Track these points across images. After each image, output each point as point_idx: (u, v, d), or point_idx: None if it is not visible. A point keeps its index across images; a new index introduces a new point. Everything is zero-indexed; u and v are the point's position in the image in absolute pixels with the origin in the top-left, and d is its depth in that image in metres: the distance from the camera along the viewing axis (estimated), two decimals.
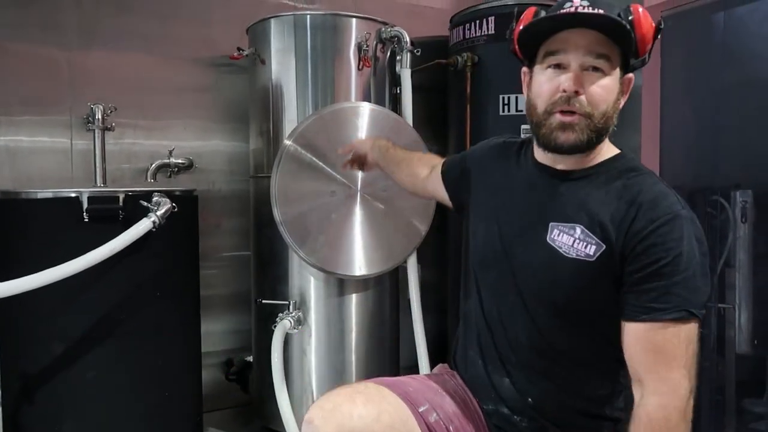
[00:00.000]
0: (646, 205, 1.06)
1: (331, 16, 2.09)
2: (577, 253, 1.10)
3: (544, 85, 1.11)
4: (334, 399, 1.07)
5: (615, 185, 1.11)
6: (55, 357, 1.73)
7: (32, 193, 1.77)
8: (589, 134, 1.09)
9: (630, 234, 1.06)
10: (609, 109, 1.10)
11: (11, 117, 2.20)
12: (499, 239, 1.22)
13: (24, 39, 2.21)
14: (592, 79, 1.07)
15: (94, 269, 1.63)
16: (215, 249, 2.53)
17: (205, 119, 2.50)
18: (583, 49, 1.07)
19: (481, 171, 1.36)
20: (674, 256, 1.02)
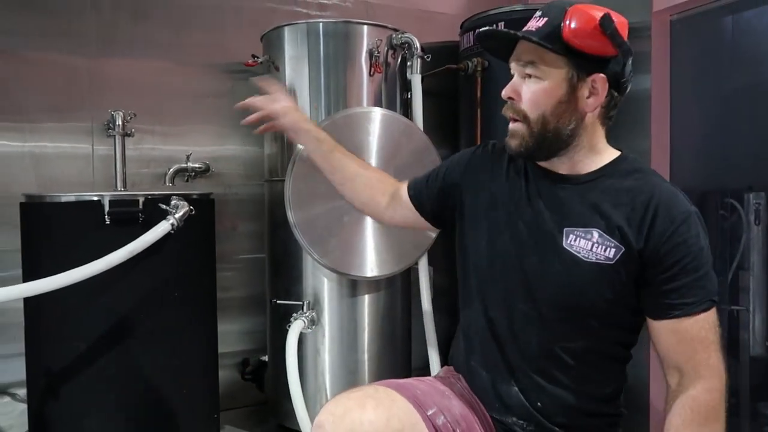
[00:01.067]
0: (663, 207, 1.11)
1: (343, 23, 2.14)
2: (597, 257, 1.13)
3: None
4: (344, 403, 1.09)
5: (624, 187, 1.14)
6: (78, 355, 1.79)
7: (56, 197, 1.84)
8: (530, 140, 1.15)
9: (652, 236, 1.10)
10: (547, 113, 1.13)
11: (35, 124, 2.28)
12: (509, 249, 1.22)
13: (46, 48, 2.28)
14: (525, 85, 1.15)
15: (115, 270, 1.68)
16: (231, 251, 2.59)
17: (222, 124, 2.55)
18: (515, 58, 1.17)
19: (472, 181, 1.35)
20: (696, 251, 1.09)
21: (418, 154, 2.09)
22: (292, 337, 1.96)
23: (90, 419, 1.82)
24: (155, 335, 1.86)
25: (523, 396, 1.21)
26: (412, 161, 2.08)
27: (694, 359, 1.11)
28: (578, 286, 1.14)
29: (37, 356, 1.88)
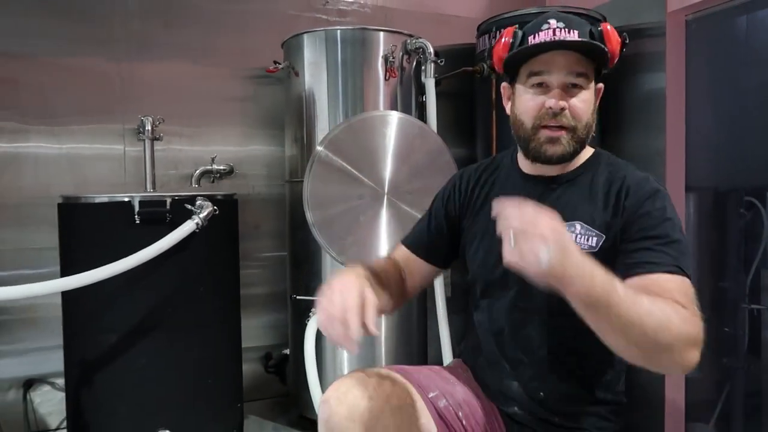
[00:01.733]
0: (632, 188, 1.17)
1: (360, 30, 2.22)
2: (581, 248, 1.16)
3: (530, 102, 1.20)
4: (347, 382, 1.17)
5: (600, 180, 1.23)
6: (110, 346, 1.91)
7: (90, 198, 1.95)
8: (574, 146, 1.20)
9: (624, 215, 1.16)
10: (590, 119, 1.21)
11: (70, 127, 2.41)
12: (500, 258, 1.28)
13: (80, 54, 2.41)
14: (573, 95, 1.17)
15: (144, 267, 1.80)
16: (255, 250, 2.69)
17: (246, 127, 2.66)
18: (565, 69, 1.16)
19: (468, 201, 1.39)
20: (660, 221, 1.13)
21: (432, 155, 2.16)
22: (311, 331, 2.05)
23: (122, 406, 1.93)
24: (182, 328, 1.97)
25: (525, 389, 1.27)
26: (426, 162, 2.15)
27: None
28: None
29: (73, 347, 2.01)
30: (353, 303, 1.04)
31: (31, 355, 2.37)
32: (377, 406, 1.12)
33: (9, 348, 2.34)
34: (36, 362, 2.36)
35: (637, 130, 2.41)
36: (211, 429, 2.07)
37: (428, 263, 1.44)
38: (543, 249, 0.90)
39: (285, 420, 2.49)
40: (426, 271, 1.45)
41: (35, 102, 2.36)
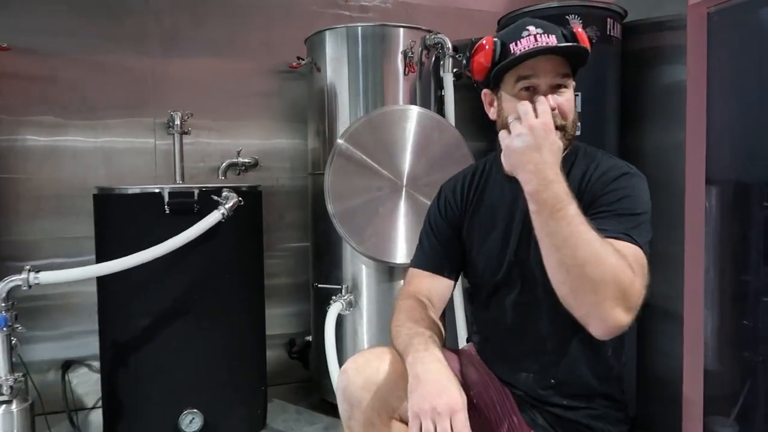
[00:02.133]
0: (599, 174, 1.22)
1: (380, 27, 2.28)
2: None
3: None
4: (366, 356, 1.25)
5: (577, 173, 1.26)
6: (143, 329, 2.02)
7: (123, 189, 2.06)
8: (565, 144, 1.21)
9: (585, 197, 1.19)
10: (575, 116, 1.25)
11: (105, 121, 2.53)
12: (511, 256, 1.30)
13: (115, 51, 2.52)
14: (559, 95, 1.21)
15: (173, 255, 1.90)
16: (279, 240, 2.78)
17: (270, 120, 2.75)
18: (552, 72, 1.20)
19: (464, 206, 1.42)
20: (622, 197, 1.16)
21: (449, 148, 2.21)
22: (331, 317, 2.13)
23: (152, 387, 2.05)
24: (209, 313, 2.07)
25: (535, 379, 1.32)
26: (443, 155, 2.20)
27: None
28: None
29: (107, 331, 2.12)
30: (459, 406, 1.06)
31: (69, 339, 2.50)
32: (392, 379, 1.19)
33: (48, 333, 2.47)
34: (73, 346, 2.49)
35: (658, 123, 2.40)
36: (236, 411, 2.17)
37: (450, 279, 1.43)
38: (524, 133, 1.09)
39: (307, 403, 2.59)
40: (448, 291, 1.43)
41: (73, 97, 2.48)
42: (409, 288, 1.41)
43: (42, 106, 2.44)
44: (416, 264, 1.44)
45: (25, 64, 2.41)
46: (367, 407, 1.20)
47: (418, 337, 1.20)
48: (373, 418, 1.21)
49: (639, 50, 2.42)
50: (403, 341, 1.22)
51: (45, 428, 2.04)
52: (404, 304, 1.34)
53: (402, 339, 1.23)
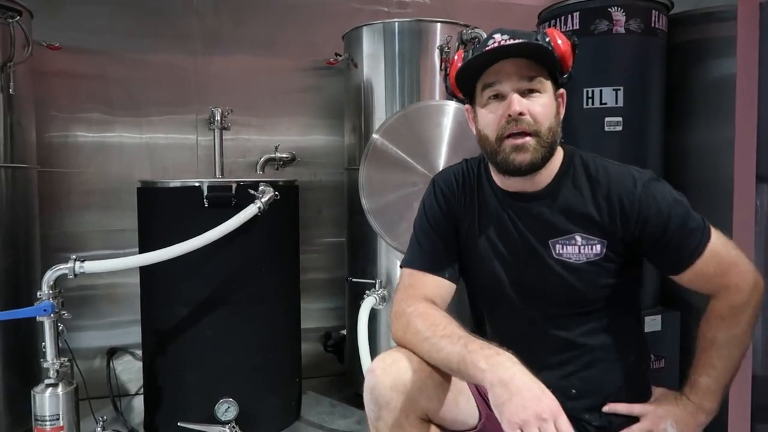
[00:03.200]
0: (623, 190, 1.20)
1: (416, 22, 2.27)
2: (587, 257, 1.22)
3: (489, 115, 1.20)
4: (394, 355, 1.21)
5: (582, 183, 1.24)
6: (182, 318, 2.08)
7: (165, 183, 2.12)
8: (542, 151, 1.18)
9: (626, 221, 1.19)
10: (553, 123, 1.19)
11: (150, 118, 2.62)
12: (504, 275, 1.28)
13: (159, 50, 2.60)
14: (530, 100, 1.17)
15: (212, 246, 1.94)
16: (316, 236, 2.82)
17: (308, 117, 2.79)
18: (515, 75, 1.16)
19: (455, 216, 1.35)
20: (669, 209, 1.18)
21: None
22: (364, 312, 2.13)
23: (191, 375, 2.10)
24: (245, 304, 2.11)
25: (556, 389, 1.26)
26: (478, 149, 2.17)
27: (719, 284, 1.21)
28: (580, 285, 1.23)
29: (149, 319, 2.19)
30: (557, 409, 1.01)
31: (114, 327, 2.60)
32: (420, 379, 1.16)
33: (94, 321, 2.57)
34: (117, 335, 2.60)
35: (705, 119, 2.31)
36: (271, 401, 2.21)
37: (452, 282, 1.32)
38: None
39: (341, 397, 2.61)
40: (450, 295, 1.32)
41: (120, 94, 2.57)
42: (411, 291, 1.28)
43: (90, 103, 2.54)
44: (414, 264, 1.32)
45: (75, 63, 2.51)
46: (395, 408, 1.17)
47: (473, 340, 1.10)
48: (401, 419, 1.18)
49: (685, 43, 2.34)
50: (453, 350, 1.10)
51: (89, 412, 2.12)
52: (418, 310, 1.22)
53: (449, 348, 1.11)
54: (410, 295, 1.28)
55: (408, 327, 1.21)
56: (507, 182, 1.28)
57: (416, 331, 1.19)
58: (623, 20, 2.20)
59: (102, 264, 1.81)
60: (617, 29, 2.19)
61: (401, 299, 1.28)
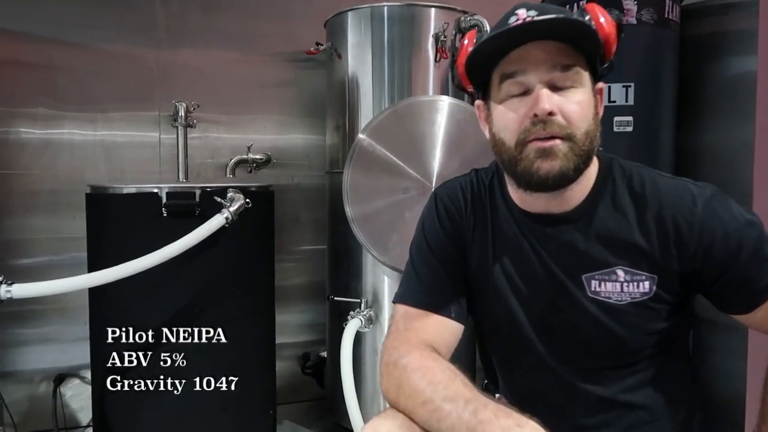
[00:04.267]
0: (678, 212, 0.96)
1: (408, 6, 2.03)
2: (632, 296, 0.98)
3: (508, 114, 0.94)
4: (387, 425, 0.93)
5: (625, 204, 0.99)
6: (135, 346, 1.80)
7: (117, 188, 1.85)
8: (575, 160, 0.92)
9: (686, 252, 0.96)
10: (591, 126, 0.94)
11: (106, 114, 2.35)
12: (524, 318, 1.04)
13: (117, 40, 2.34)
14: (564, 96, 0.92)
15: (171, 263, 1.67)
16: (295, 242, 2.59)
17: (286, 114, 2.55)
18: (546, 63, 0.91)
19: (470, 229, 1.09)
20: (738, 233, 0.94)
21: (486, 146, 1.91)
22: (347, 338, 1.89)
23: (146, 411, 1.83)
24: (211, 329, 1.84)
25: None
26: (479, 153, 1.94)
27: None
28: (622, 331, 0.99)
29: (98, 345, 1.91)
30: None
31: (63, 345, 2.32)
32: None
33: (40, 339, 2.30)
34: (67, 354, 2.31)
35: (721, 118, 2.16)
36: None
37: (459, 324, 1.06)
38: None
39: (320, 426, 2.37)
40: (456, 339, 1.07)
41: (71, 87, 2.31)
42: (407, 336, 1.01)
43: (36, 96, 2.26)
44: (411, 300, 1.05)
45: (19, 50, 2.23)
46: None
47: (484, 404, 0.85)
48: None
49: (700, 36, 2.18)
50: (460, 418, 0.84)
51: None
52: (415, 362, 0.95)
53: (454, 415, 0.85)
54: (405, 340, 1.00)
55: (402, 385, 0.94)
56: (529, 200, 1.02)
57: (412, 390, 0.92)
58: (635, 10, 2.02)
59: (35, 287, 1.52)
60: (628, 19, 2.01)
61: (394, 346, 1.00)
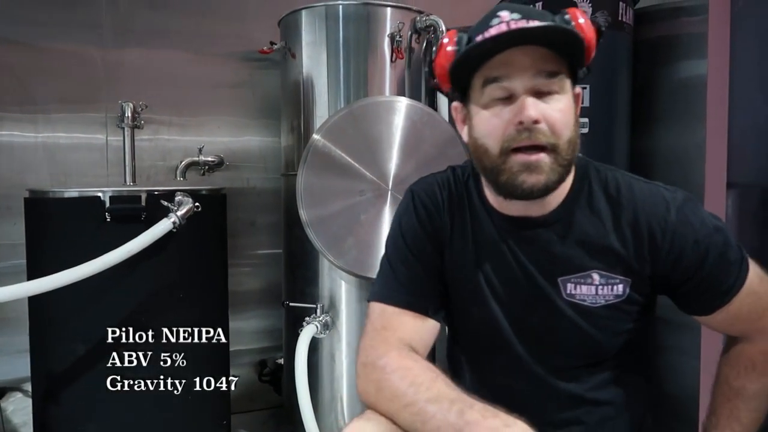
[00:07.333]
0: (653, 218, 0.97)
1: (364, 5, 1.99)
2: (606, 299, 0.99)
3: (492, 120, 0.92)
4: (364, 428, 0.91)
5: (601, 206, 1.00)
6: (78, 357, 1.71)
7: (59, 193, 1.76)
8: (559, 172, 0.92)
9: (659, 257, 0.98)
10: (573, 134, 0.92)
11: (48, 115, 2.24)
12: (503, 319, 1.03)
13: (60, 38, 2.23)
14: (547, 104, 0.90)
15: (115, 270, 1.59)
16: (250, 246, 2.52)
17: (240, 116, 2.48)
18: (532, 69, 0.89)
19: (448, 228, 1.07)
20: (707, 240, 0.97)
21: (442, 147, 1.93)
22: (302, 344, 1.84)
23: (91, 425, 1.74)
24: (158, 339, 1.76)
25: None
26: (435, 154, 1.92)
27: (753, 328, 1.04)
28: (595, 332, 1.01)
29: (39, 357, 1.82)
30: None
31: (2, 357, 2.21)
32: None
33: None
34: (8, 365, 2.19)
35: (674, 121, 2.18)
36: None
37: (436, 322, 1.05)
38: None
39: None
40: (433, 337, 1.05)
41: (11, 88, 2.19)
42: (385, 335, 0.99)
43: None
44: (388, 298, 1.03)
45: None
46: None
47: (470, 404, 0.84)
48: None
49: (653, 39, 2.21)
50: (445, 420, 0.82)
51: None
52: (394, 362, 0.93)
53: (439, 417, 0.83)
54: (383, 339, 0.98)
55: (381, 387, 0.92)
56: (506, 205, 1.01)
57: (394, 393, 0.90)
58: (590, 12, 2.03)
59: None
60: None
61: (371, 346, 0.98)
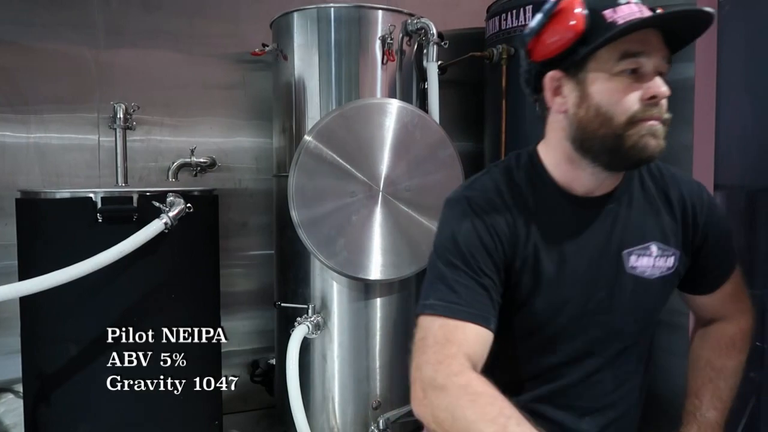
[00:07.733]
0: (691, 192, 1.11)
1: (355, 8, 2.00)
2: (661, 271, 1.08)
3: (623, 92, 0.95)
4: None
5: (649, 184, 1.11)
6: (71, 358, 1.72)
7: (50, 194, 1.75)
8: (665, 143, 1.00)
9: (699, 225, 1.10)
10: None
11: (41, 115, 2.23)
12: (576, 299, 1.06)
13: (53, 39, 2.23)
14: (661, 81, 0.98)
15: (108, 271, 1.60)
16: (242, 247, 2.52)
17: (232, 117, 2.47)
18: (662, 51, 0.96)
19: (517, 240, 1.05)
20: (724, 223, 1.13)
21: (433, 148, 1.94)
22: (294, 345, 1.84)
23: (83, 425, 1.74)
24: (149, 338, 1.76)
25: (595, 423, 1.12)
26: (426, 156, 1.93)
27: (730, 309, 1.18)
28: (650, 306, 1.11)
29: (30, 357, 1.82)
30: None
31: None
32: None
33: None
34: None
35: None
36: None
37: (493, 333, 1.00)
38: None
39: None
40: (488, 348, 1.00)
41: (2, 88, 2.18)
42: (451, 350, 0.92)
43: None
44: (448, 311, 0.97)
45: None
46: None
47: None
48: None
49: None
50: None
51: None
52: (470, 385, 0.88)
53: None
54: (450, 355, 0.91)
55: (456, 413, 0.85)
56: (576, 182, 1.05)
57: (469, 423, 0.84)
58: None
59: None
60: None
61: (437, 361, 0.91)
